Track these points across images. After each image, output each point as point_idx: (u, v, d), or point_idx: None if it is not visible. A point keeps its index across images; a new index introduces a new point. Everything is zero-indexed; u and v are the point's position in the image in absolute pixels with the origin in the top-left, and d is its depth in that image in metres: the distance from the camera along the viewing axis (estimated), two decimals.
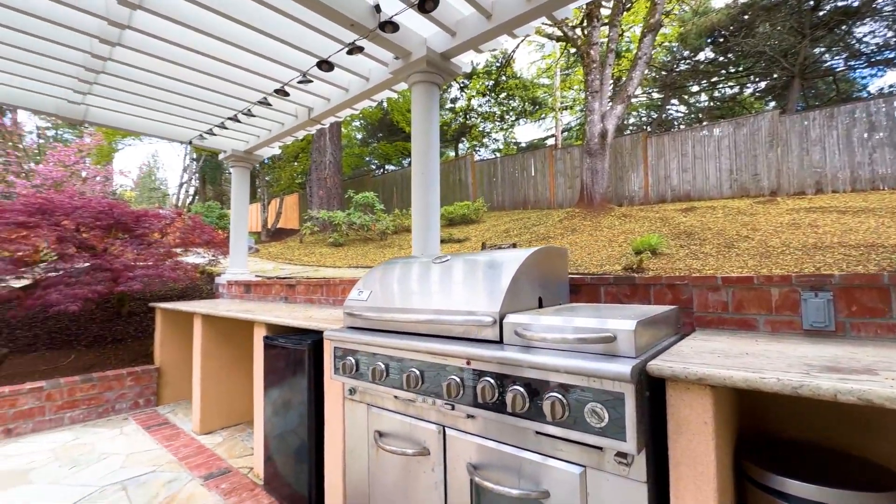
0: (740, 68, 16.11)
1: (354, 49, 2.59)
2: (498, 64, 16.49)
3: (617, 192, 10.85)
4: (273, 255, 10.10)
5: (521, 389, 1.28)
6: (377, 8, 2.42)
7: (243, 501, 2.50)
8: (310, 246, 10.91)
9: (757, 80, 16.39)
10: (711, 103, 17.79)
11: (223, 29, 2.84)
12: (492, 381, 1.36)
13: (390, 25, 2.31)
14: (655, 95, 18.94)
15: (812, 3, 13.23)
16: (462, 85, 18.51)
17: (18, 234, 4.55)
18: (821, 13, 13.31)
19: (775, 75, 15.31)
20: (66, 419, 3.89)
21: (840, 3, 12.87)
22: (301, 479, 2.37)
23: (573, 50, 15.62)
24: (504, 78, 17.55)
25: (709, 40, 16.03)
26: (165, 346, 4.48)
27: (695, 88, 17.80)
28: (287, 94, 3.38)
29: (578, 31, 9.98)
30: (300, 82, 3.15)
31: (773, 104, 15.97)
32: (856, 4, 12.68)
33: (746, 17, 14.40)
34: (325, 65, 2.82)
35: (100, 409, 4.07)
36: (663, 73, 17.40)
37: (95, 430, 3.78)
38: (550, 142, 23.24)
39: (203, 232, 5.79)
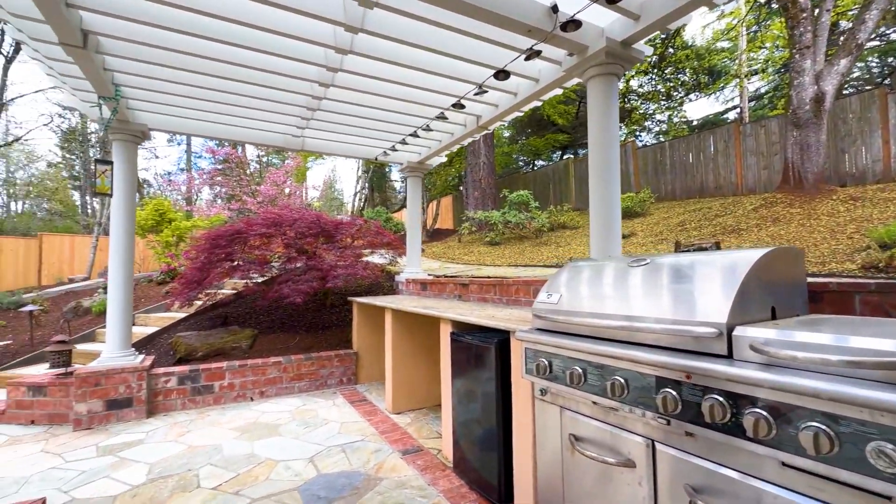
0: None
1: (532, 54, 2.62)
2: (664, 36, 14.69)
3: (837, 170, 8.59)
4: (437, 254, 10.96)
5: (766, 414, 1.12)
6: (554, 8, 2.40)
7: (437, 479, 2.78)
8: (468, 245, 11.50)
9: None
10: None
11: (410, 56, 3.18)
12: (721, 399, 1.22)
13: (573, 24, 2.27)
14: None
15: None
16: None
17: (261, 242, 5.93)
18: None
19: None
20: (296, 388, 4.89)
21: None
22: (488, 467, 2.52)
23: (764, 0, 12.96)
24: (671, 50, 15.54)
25: None
26: (361, 334, 5.26)
27: None
28: (463, 107, 3.63)
29: None
30: (476, 94, 3.35)
31: None
32: None
33: None
34: (501, 74, 2.93)
35: (317, 382, 5.01)
36: None
37: (315, 399, 4.66)
38: (731, 116, 19.78)
39: (384, 236, 6.62)
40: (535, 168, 21.14)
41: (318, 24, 2.82)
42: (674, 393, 1.36)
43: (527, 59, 2.70)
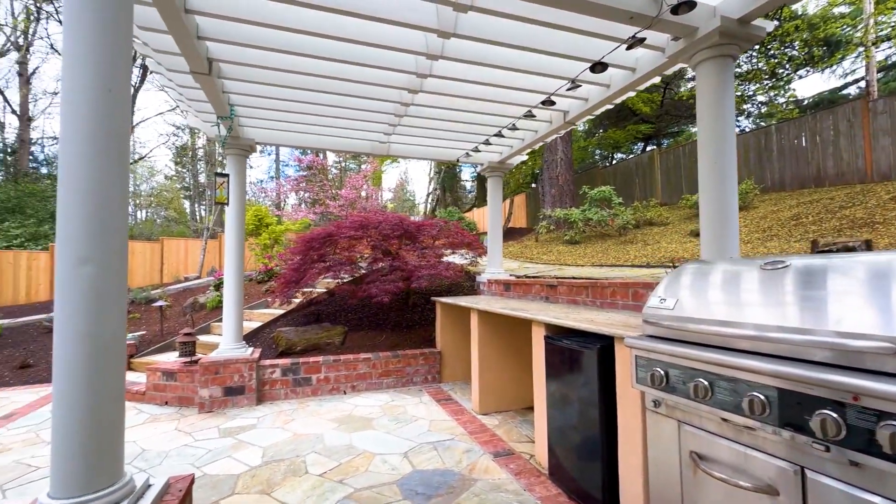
0: None
1: (635, 42, 2.46)
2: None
3: None
4: (514, 253, 10.81)
5: None
6: None
7: (532, 485, 2.72)
8: (546, 244, 11.20)
9: None
10: None
11: (500, 56, 3.15)
12: None
13: (685, 6, 2.08)
14: None
15: None
16: None
17: (349, 244, 6.26)
18: None
19: None
20: (384, 384, 5.10)
21: None
22: (589, 477, 2.41)
23: None
24: (777, 22, 13.78)
25: None
26: (444, 334, 5.34)
27: None
28: (553, 104, 3.52)
29: None
30: (568, 89, 3.23)
31: None
32: None
33: None
34: (598, 66, 2.79)
35: (403, 379, 5.17)
36: None
37: (402, 396, 4.81)
38: (852, 91, 17.21)
39: (464, 236, 6.66)
40: (615, 162, 20.05)
41: (410, 32, 2.89)
42: (835, 416, 1.19)
43: (628, 48, 2.54)
